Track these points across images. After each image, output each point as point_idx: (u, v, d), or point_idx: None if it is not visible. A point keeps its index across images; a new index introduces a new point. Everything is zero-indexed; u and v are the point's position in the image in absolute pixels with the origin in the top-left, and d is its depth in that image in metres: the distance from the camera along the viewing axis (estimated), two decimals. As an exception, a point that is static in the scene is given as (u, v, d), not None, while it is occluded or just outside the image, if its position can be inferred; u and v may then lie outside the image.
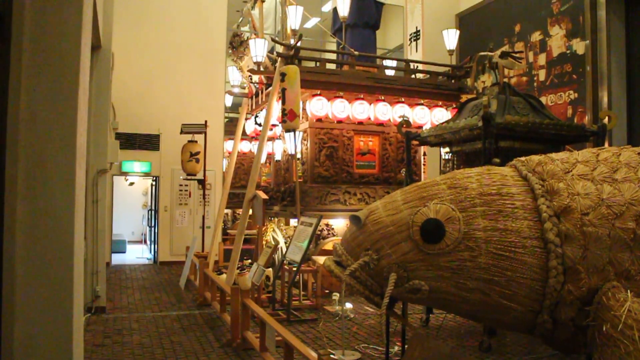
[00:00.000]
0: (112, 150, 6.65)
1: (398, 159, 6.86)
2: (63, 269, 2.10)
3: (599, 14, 9.50)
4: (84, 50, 2.20)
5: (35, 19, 2.03)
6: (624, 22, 9.52)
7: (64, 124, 2.07)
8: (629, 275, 2.66)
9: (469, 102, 5.11)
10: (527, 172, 2.92)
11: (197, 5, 10.93)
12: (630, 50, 9.45)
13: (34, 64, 2.01)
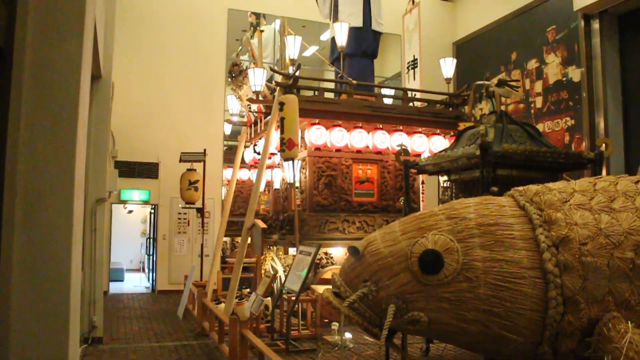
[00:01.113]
0: (111, 179, 6.65)
1: (396, 186, 6.87)
2: (59, 301, 2.08)
3: (593, 42, 9.62)
4: (84, 84, 2.22)
5: (35, 55, 2.05)
6: (617, 49, 9.63)
7: (62, 157, 2.08)
8: (629, 306, 2.64)
9: (467, 131, 5.13)
10: (525, 202, 2.92)
11: (197, 35, 11.05)
12: (625, 76, 9.54)
13: (34, 98, 2.03)
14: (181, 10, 11.08)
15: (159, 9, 10.92)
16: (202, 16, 11.20)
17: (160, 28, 10.86)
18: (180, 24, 11.00)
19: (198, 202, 8.35)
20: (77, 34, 2.20)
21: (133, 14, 10.54)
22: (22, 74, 2.05)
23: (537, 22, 10.98)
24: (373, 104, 6.88)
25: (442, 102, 7.44)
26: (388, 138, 6.70)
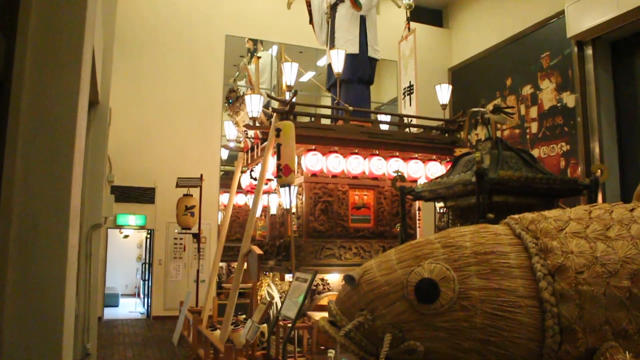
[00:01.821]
0: (107, 205, 6.64)
1: (393, 212, 6.87)
2: (52, 329, 2.07)
3: (587, 68, 9.73)
4: (81, 113, 2.23)
5: (33, 85, 2.06)
6: (611, 75, 9.75)
7: (58, 186, 2.08)
8: (626, 335, 2.63)
9: (463, 157, 5.16)
10: (521, 230, 2.92)
11: (195, 60, 11.14)
12: (619, 102, 9.64)
13: (31, 128, 2.03)
14: (179, 36, 11.18)
15: (158, 35, 11.02)
16: (200, 42, 11.31)
17: (158, 54, 10.94)
18: (178, 49, 11.10)
19: (194, 227, 8.33)
20: (75, 64, 2.21)
21: (131, 40, 10.63)
22: (20, 104, 2.06)
23: (531, 48, 11.12)
24: (369, 130, 6.92)
25: (438, 128, 7.48)
26: (384, 164, 6.73)
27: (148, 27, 11.01)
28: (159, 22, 11.12)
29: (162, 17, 11.17)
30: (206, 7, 11.57)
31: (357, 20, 7.74)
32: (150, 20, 11.08)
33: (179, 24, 11.27)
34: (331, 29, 7.97)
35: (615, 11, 8.73)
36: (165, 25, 11.15)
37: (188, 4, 11.45)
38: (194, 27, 11.36)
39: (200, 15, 11.48)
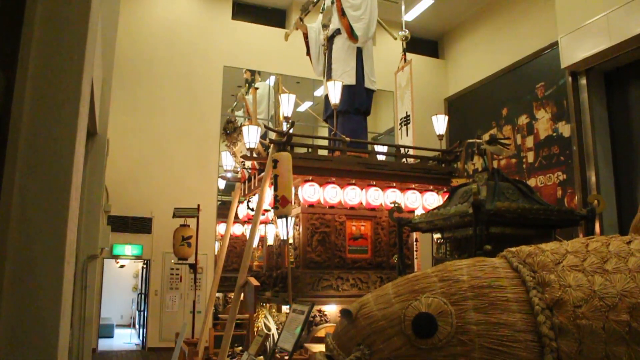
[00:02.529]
0: (103, 236, 6.62)
1: (390, 243, 6.85)
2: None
3: (581, 97, 9.84)
4: (79, 147, 2.24)
5: (32, 121, 2.07)
6: (605, 105, 9.86)
7: (55, 222, 2.08)
8: (626, 370, 2.60)
9: (459, 188, 5.16)
10: (518, 263, 2.91)
11: (193, 91, 11.23)
12: (613, 131, 9.73)
13: (29, 163, 2.04)
14: (178, 66, 11.30)
15: (156, 65, 11.13)
16: (198, 73, 11.42)
17: (157, 84, 11.04)
18: (176, 80, 11.20)
19: (191, 258, 8.28)
20: (74, 99, 2.23)
21: (130, 70, 10.73)
22: (18, 140, 2.07)
23: (526, 79, 11.26)
24: (366, 161, 6.94)
25: (434, 158, 7.51)
26: (381, 194, 6.73)
27: (147, 58, 11.13)
28: (158, 53, 11.25)
29: (161, 48, 11.31)
30: (205, 39, 11.73)
31: (354, 52, 7.83)
32: (149, 51, 11.20)
33: (178, 54, 11.40)
34: (328, 60, 8.05)
35: (607, 42, 8.87)
36: (164, 56, 11.27)
37: (187, 35, 11.60)
38: (193, 58, 11.49)
39: (199, 47, 11.62)
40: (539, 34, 10.95)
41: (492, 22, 12.66)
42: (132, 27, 10.99)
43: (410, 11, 12.82)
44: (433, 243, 6.94)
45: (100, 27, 4.70)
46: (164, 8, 11.68)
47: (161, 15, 11.61)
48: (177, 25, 11.65)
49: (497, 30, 12.44)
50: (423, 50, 14.02)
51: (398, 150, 7.57)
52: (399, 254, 5.01)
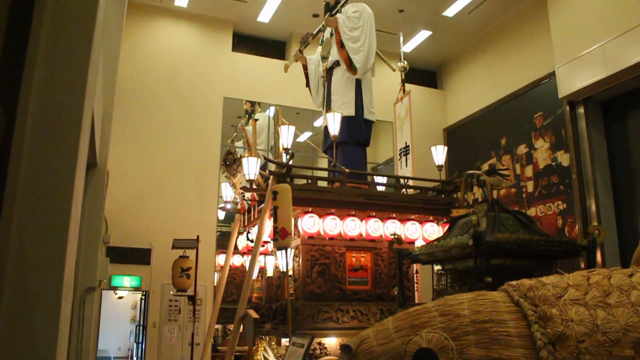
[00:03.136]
0: (102, 268, 6.58)
1: (391, 274, 6.82)
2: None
3: (579, 126, 9.88)
4: (78, 183, 2.24)
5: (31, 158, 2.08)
6: (603, 134, 9.90)
7: (52, 260, 2.07)
8: (630, 406, 2.56)
9: (459, 220, 5.16)
10: (519, 297, 2.89)
11: (193, 122, 11.29)
12: (612, 159, 9.75)
13: (27, 200, 2.04)
14: (178, 97, 11.38)
15: (157, 96, 11.22)
16: (199, 104, 11.50)
17: (157, 115, 11.11)
18: (177, 111, 11.27)
19: (190, 289, 8.22)
20: (74, 135, 2.24)
21: (130, 101, 10.81)
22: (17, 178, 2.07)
23: (524, 108, 11.32)
24: (366, 192, 6.95)
25: (434, 189, 7.52)
26: (381, 225, 6.72)
27: (147, 89, 11.23)
28: (159, 84, 11.35)
29: (161, 79, 11.41)
30: (205, 70, 11.85)
31: (353, 83, 7.89)
32: (150, 82, 11.30)
33: (179, 85, 11.50)
34: (327, 92, 8.11)
35: (604, 72, 8.95)
36: (164, 87, 11.37)
37: (188, 67, 11.72)
38: (193, 89, 11.59)
39: (200, 78, 11.73)
40: (537, 64, 11.06)
41: (489, 53, 12.80)
42: (133, 58, 11.10)
43: (409, 42, 12.97)
44: (433, 274, 6.91)
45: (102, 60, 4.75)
46: (165, 40, 11.82)
47: (162, 46, 11.74)
48: (178, 56, 11.78)
49: (495, 61, 12.57)
50: (421, 80, 14.15)
51: (398, 181, 7.58)
52: (399, 286, 4.98)
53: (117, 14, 6.64)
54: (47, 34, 2.27)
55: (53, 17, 2.32)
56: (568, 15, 10.03)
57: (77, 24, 2.35)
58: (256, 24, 12.54)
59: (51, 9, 2.33)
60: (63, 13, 2.34)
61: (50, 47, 2.26)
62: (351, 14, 8.00)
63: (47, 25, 2.28)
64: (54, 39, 2.28)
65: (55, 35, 2.28)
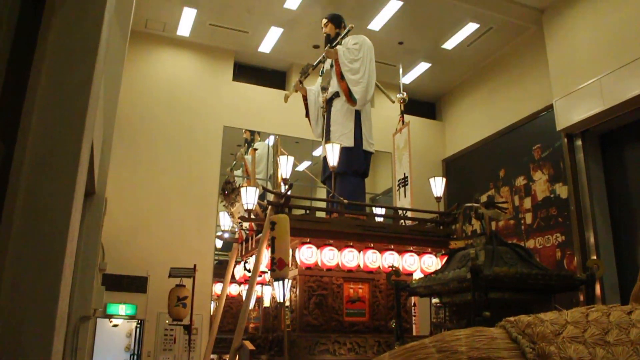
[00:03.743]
0: (97, 297, 6.52)
1: (388, 306, 6.76)
2: None
3: (577, 158, 9.92)
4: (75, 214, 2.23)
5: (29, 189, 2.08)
6: (601, 166, 9.94)
7: (46, 293, 2.06)
8: None
9: (458, 252, 5.15)
10: (517, 334, 2.84)
11: (192, 151, 11.32)
12: (610, 192, 9.77)
13: (23, 230, 2.03)
14: (178, 126, 11.43)
15: (157, 124, 11.27)
16: (198, 133, 11.55)
17: (157, 143, 11.14)
18: (176, 139, 11.31)
19: (186, 318, 8.15)
20: (72, 166, 2.24)
21: (130, 129, 10.85)
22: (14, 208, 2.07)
23: (523, 140, 11.38)
24: (364, 223, 6.93)
25: (432, 220, 7.50)
26: (379, 257, 6.69)
27: (147, 117, 11.28)
28: (159, 112, 11.41)
29: (161, 107, 11.48)
30: (206, 99, 11.93)
31: (352, 114, 7.93)
32: (149, 109, 11.36)
33: (179, 114, 11.56)
34: (327, 122, 8.15)
35: (601, 106, 9.03)
36: (164, 115, 11.43)
37: (188, 96, 11.80)
38: (193, 118, 11.65)
39: (200, 107, 11.81)
40: (535, 96, 11.15)
41: (488, 85, 12.91)
42: (134, 85, 11.18)
43: (408, 74, 13.09)
44: (432, 307, 6.86)
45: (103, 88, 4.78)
46: (167, 68, 11.93)
47: (163, 74, 11.84)
48: (179, 84, 11.87)
49: (493, 93, 12.67)
50: (420, 112, 14.24)
51: (396, 212, 7.57)
52: (396, 319, 4.95)
53: (119, 42, 6.70)
54: (49, 64, 2.29)
55: (55, 48, 2.34)
56: (565, 49, 10.16)
57: (79, 56, 2.37)
58: (257, 54, 12.67)
59: (54, 40, 2.35)
60: (65, 44, 2.37)
61: (52, 77, 2.28)
62: (351, 46, 8.08)
63: (50, 56, 2.30)
64: (55, 70, 2.30)
65: (57, 66, 2.31)
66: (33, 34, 2.28)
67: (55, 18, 2.33)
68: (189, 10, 11.04)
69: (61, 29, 2.34)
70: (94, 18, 2.43)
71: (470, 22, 11.25)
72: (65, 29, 2.36)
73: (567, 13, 10.22)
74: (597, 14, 9.54)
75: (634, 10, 8.81)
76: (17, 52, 2.18)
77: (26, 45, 2.25)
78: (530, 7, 10.75)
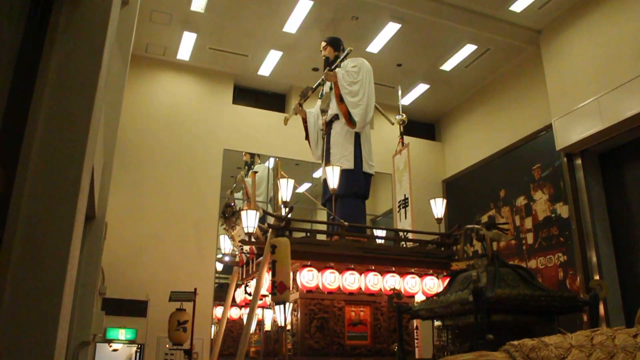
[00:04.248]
0: (97, 322, 6.45)
1: (390, 329, 6.71)
2: None
3: (577, 176, 9.92)
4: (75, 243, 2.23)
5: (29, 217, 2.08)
6: (601, 185, 9.93)
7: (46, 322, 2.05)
8: None
9: (460, 274, 5.12)
10: (521, 358, 2.83)
11: (193, 173, 11.33)
12: (611, 209, 9.75)
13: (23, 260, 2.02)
14: (178, 149, 11.45)
15: (157, 148, 11.29)
16: (199, 156, 11.57)
17: (157, 166, 11.15)
18: (176, 162, 11.33)
19: (186, 343, 8.07)
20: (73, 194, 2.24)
21: (130, 152, 10.87)
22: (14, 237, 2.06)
23: (522, 160, 11.39)
24: (365, 245, 6.91)
25: (433, 242, 7.48)
26: (380, 279, 6.66)
27: (147, 140, 11.31)
28: (159, 136, 11.44)
29: (162, 131, 11.51)
30: (206, 122, 11.97)
31: (352, 136, 7.95)
32: (150, 133, 11.39)
33: (179, 137, 11.59)
34: (327, 145, 8.16)
35: (599, 125, 9.06)
36: (164, 139, 11.46)
37: (189, 119, 11.85)
38: (193, 141, 11.68)
39: (200, 130, 11.84)
40: (534, 116, 11.19)
41: (487, 105, 12.96)
42: (135, 109, 11.23)
43: (407, 95, 13.16)
44: (434, 330, 6.80)
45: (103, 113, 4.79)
46: (167, 91, 11.99)
47: (163, 98, 11.90)
48: (179, 108, 11.92)
49: (493, 113, 12.72)
50: (420, 133, 14.29)
51: (397, 234, 7.55)
52: (399, 342, 4.91)
53: (120, 67, 6.73)
54: (50, 92, 2.30)
55: (56, 76, 2.35)
56: (563, 69, 10.23)
57: (80, 84, 2.38)
58: (257, 77, 12.75)
59: (55, 68, 2.37)
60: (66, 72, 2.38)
61: (53, 105, 2.29)
62: (350, 69, 8.13)
63: (51, 84, 2.31)
64: (56, 98, 2.31)
65: (58, 94, 2.32)
66: (35, 61, 2.29)
67: (57, 47, 2.34)
68: (189, 34, 11.14)
69: (62, 57, 2.36)
70: (95, 46, 2.45)
71: (468, 43, 11.34)
72: (66, 58, 2.37)
73: (563, 34, 10.31)
74: (593, 35, 9.63)
75: (629, 31, 8.89)
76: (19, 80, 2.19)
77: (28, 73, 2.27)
78: (527, 28, 10.85)
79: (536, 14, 10.44)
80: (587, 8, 9.82)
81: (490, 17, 10.47)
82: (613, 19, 9.25)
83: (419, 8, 10.16)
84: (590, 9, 9.75)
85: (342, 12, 10.45)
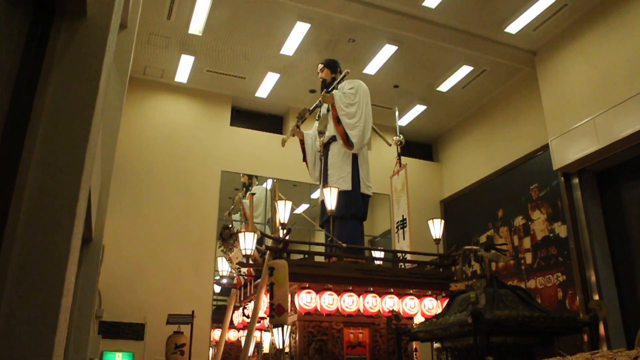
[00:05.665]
0: (93, 346, 6.40)
1: (389, 350, 6.65)
2: None
3: (575, 196, 9.93)
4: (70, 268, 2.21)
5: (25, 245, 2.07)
6: (599, 204, 9.94)
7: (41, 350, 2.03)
8: None
9: (458, 295, 5.10)
10: (521, 382, 2.82)
11: (190, 196, 11.33)
12: (609, 228, 9.75)
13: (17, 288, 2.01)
14: (176, 171, 11.46)
15: (154, 170, 11.31)
16: (196, 178, 11.58)
17: (154, 188, 11.15)
18: (174, 184, 11.33)
19: (184, 367, 8.01)
20: (69, 217, 2.23)
21: (128, 174, 10.87)
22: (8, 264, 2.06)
23: (520, 180, 11.42)
24: (363, 267, 6.88)
25: (432, 262, 7.46)
26: (379, 301, 6.62)
27: (145, 162, 11.32)
28: (157, 158, 11.46)
29: (159, 153, 11.53)
30: (203, 144, 12.00)
31: (350, 158, 7.95)
32: (147, 155, 11.41)
33: (176, 159, 11.61)
34: (324, 166, 8.16)
35: (596, 145, 9.10)
36: (162, 161, 11.47)
37: (186, 141, 11.88)
38: (191, 163, 11.70)
39: (198, 152, 11.87)
40: (530, 136, 11.24)
41: (483, 126, 13.03)
42: (132, 131, 11.26)
43: (404, 116, 13.22)
44: (433, 351, 6.75)
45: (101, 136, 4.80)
46: (164, 113, 12.03)
47: (161, 120, 11.94)
48: (177, 130, 11.96)
49: (490, 134, 12.77)
50: (417, 153, 14.34)
51: (395, 255, 7.53)
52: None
53: (118, 89, 6.76)
54: (47, 117, 2.31)
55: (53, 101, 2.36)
56: (558, 89, 10.30)
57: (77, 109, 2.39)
58: (254, 99, 12.82)
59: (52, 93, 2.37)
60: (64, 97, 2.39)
61: (49, 129, 2.29)
62: (347, 91, 8.16)
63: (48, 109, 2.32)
64: (53, 122, 2.31)
65: (54, 119, 2.32)
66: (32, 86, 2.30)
67: (54, 71, 2.35)
68: (186, 57, 11.22)
69: (60, 81, 2.37)
70: (93, 70, 2.46)
71: (464, 64, 11.43)
72: (64, 82, 2.38)
73: (559, 55, 10.40)
74: (589, 55, 9.71)
75: (623, 51, 8.97)
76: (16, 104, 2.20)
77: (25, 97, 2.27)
78: (523, 49, 10.94)
79: (531, 36, 10.55)
80: (582, 29, 9.93)
81: (486, 38, 10.57)
82: (608, 40, 9.34)
83: (415, 30, 10.25)
84: (585, 30, 9.85)
85: (338, 35, 10.54)
